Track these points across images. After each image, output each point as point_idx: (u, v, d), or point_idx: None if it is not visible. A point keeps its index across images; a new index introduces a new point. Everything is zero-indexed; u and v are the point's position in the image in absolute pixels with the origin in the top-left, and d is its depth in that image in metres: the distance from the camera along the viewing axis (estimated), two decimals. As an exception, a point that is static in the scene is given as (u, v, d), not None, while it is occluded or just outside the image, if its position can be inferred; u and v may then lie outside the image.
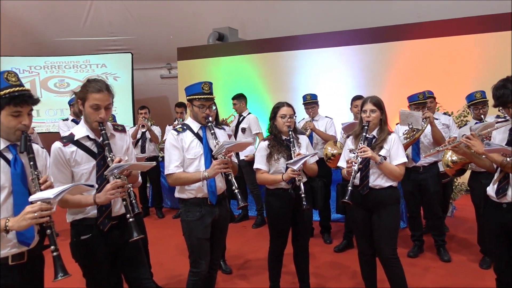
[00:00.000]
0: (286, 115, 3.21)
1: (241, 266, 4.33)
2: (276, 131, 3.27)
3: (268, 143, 3.26)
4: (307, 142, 3.37)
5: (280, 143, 3.23)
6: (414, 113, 4.06)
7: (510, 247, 2.64)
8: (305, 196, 3.04)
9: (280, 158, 3.18)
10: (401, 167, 3.05)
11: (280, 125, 3.23)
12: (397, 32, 7.83)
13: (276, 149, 3.20)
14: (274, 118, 3.28)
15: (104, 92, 2.30)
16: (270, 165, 3.23)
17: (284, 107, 3.24)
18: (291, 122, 3.22)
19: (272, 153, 3.20)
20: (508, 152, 2.45)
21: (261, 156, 3.24)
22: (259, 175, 3.26)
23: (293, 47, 8.49)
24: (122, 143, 2.52)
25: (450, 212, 5.73)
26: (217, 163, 2.66)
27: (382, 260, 3.09)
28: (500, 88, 2.53)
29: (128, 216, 2.25)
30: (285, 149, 3.19)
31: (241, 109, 5.85)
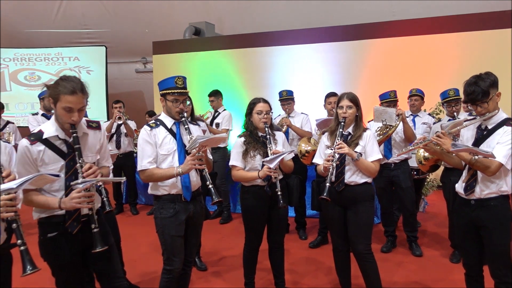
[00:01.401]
0: (262, 111, 3.19)
1: (216, 263, 4.31)
2: (252, 127, 3.25)
3: (244, 139, 3.23)
4: (284, 139, 3.36)
5: (256, 139, 3.21)
6: (388, 109, 4.11)
7: (478, 243, 2.70)
8: (281, 194, 3.04)
9: (256, 155, 3.16)
10: (376, 163, 3.09)
11: (256, 121, 3.21)
12: (372, 30, 7.92)
13: (252, 145, 3.18)
14: (250, 114, 3.26)
15: (78, 94, 2.19)
16: (246, 161, 3.20)
17: (260, 103, 3.22)
18: (268, 119, 3.20)
19: (248, 150, 3.17)
20: (474, 152, 2.51)
21: (237, 153, 3.21)
22: (235, 172, 3.24)
23: (269, 43, 8.49)
24: (95, 141, 2.44)
25: (422, 207, 5.85)
26: (190, 158, 2.62)
27: (356, 255, 3.12)
28: (471, 85, 2.57)
29: (93, 226, 2.23)
30: (261, 146, 3.17)
31: (218, 105, 5.82)
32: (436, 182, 5.84)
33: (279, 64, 8.37)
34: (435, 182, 5.88)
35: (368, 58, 7.86)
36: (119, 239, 3.57)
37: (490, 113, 2.59)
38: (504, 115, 2.64)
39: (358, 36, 8.00)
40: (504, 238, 2.61)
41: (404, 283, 3.71)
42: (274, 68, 8.41)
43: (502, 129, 2.57)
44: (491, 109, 2.59)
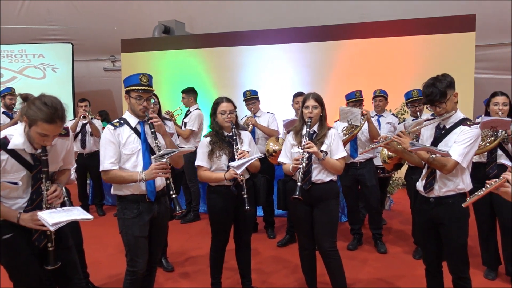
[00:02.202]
0: (226, 111, 3.17)
1: (184, 263, 4.27)
2: (217, 127, 3.23)
3: (210, 139, 3.21)
4: (250, 138, 3.35)
5: (222, 139, 3.19)
6: (354, 110, 4.18)
7: (437, 240, 2.79)
8: (247, 197, 3.03)
9: (222, 155, 3.14)
10: (341, 161, 3.15)
11: (221, 121, 3.20)
12: (342, 31, 8.03)
13: (218, 145, 3.15)
14: (214, 114, 3.23)
15: (57, 123, 2.13)
16: (212, 162, 3.18)
17: (223, 103, 3.20)
18: (232, 118, 3.19)
19: (213, 150, 3.15)
20: (431, 151, 2.58)
21: (203, 153, 3.19)
22: (201, 173, 3.21)
23: (240, 43, 8.48)
24: (61, 149, 2.40)
25: (388, 205, 5.98)
26: (155, 166, 2.58)
27: (322, 253, 3.16)
28: (429, 87, 2.65)
29: (49, 245, 2.22)
30: (227, 146, 3.16)
31: (189, 103, 5.75)
32: (401, 180, 5.98)
33: (249, 64, 8.37)
34: (400, 181, 6.02)
35: (337, 58, 7.97)
36: (81, 241, 3.49)
37: (448, 113, 2.68)
38: (461, 115, 2.73)
39: (327, 37, 8.10)
40: (462, 235, 2.70)
41: (369, 280, 3.79)
42: (244, 68, 8.41)
43: (459, 128, 2.65)
44: (449, 109, 2.67)
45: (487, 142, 3.35)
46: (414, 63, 7.48)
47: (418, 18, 7.63)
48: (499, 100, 3.46)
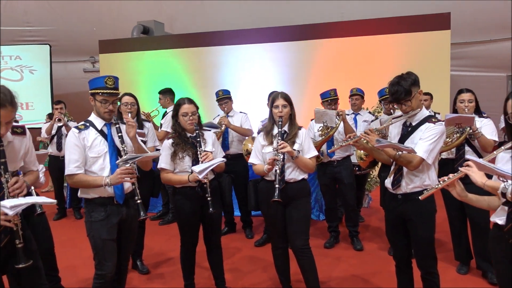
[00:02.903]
0: (187, 113, 3.15)
1: (161, 265, 4.24)
2: (180, 129, 3.20)
3: (172, 141, 3.18)
4: (213, 139, 3.34)
5: (184, 141, 3.16)
6: (328, 111, 4.19)
7: (406, 236, 2.82)
8: (211, 199, 3.02)
9: (185, 157, 3.12)
10: (313, 159, 3.17)
11: (183, 123, 3.17)
12: (321, 30, 8.08)
13: (180, 147, 3.13)
14: (176, 115, 3.20)
15: (7, 107, 2.09)
16: (175, 163, 3.16)
17: (185, 105, 3.18)
18: (194, 120, 3.17)
19: (176, 152, 3.12)
20: (397, 147, 2.61)
21: (165, 155, 3.15)
22: (164, 175, 3.18)
23: (219, 43, 8.47)
24: (19, 147, 2.35)
25: (366, 203, 6.03)
26: (121, 171, 2.55)
27: (294, 251, 3.16)
28: (394, 85, 2.67)
29: (17, 241, 2.15)
30: (190, 147, 3.14)
31: (166, 104, 5.72)
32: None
33: (228, 63, 8.37)
34: (378, 178, 6.07)
35: (316, 57, 8.01)
36: (52, 245, 3.44)
37: (413, 110, 2.71)
38: (426, 113, 2.76)
39: (307, 36, 8.14)
40: (429, 230, 2.73)
41: (344, 277, 3.81)
42: (224, 68, 8.41)
43: (424, 125, 2.68)
44: (414, 107, 2.70)
45: (453, 139, 3.40)
46: (392, 61, 7.56)
47: (395, 17, 7.73)
48: (464, 97, 3.52)
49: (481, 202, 2.18)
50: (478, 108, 3.59)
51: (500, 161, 2.09)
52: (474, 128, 3.32)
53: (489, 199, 2.13)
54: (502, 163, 2.07)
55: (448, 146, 3.40)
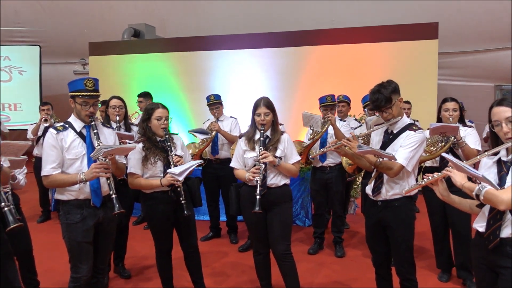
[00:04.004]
0: (162, 117, 3.13)
1: (144, 269, 4.21)
2: (150, 133, 3.16)
3: (143, 145, 3.14)
4: (181, 143, 3.33)
5: (155, 145, 3.14)
6: (315, 116, 4.21)
7: (385, 242, 2.83)
8: (185, 202, 3.00)
9: (157, 162, 3.09)
10: (296, 165, 3.17)
11: (156, 127, 3.14)
12: (312, 37, 8.11)
13: (152, 152, 3.09)
14: (148, 119, 3.16)
15: None
16: (146, 168, 3.11)
17: (159, 109, 3.16)
18: (167, 125, 3.17)
19: (148, 157, 3.08)
20: (378, 154, 2.62)
21: (136, 160, 3.10)
22: (134, 180, 3.10)
23: (210, 47, 8.47)
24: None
25: (352, 209, 6.04)
26: (95, 166, 2.53)
27: (276, 256, 3.16)
28: (375, 93, 2.70)
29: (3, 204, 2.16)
30: (160, 152, 3.11)
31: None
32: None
33: (218, 68, 8.37)
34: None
35: (305, 64, 8.04)
36: (31, 247, 3.40)
37: (394, 118, 2.73)
38: (407, 120, 2.79)
39: (297, 42, 8.16)
40: (407, 237, 2.75)
41: (325, 283, 3.81)
42: (214, 72, 8.41)
43: (405, 133, 2.71)
44: (395, 114, 2.72)
45: (437, 147, 3.43)
46: (381, 69, 7.61)
47: (384, 26, 7.80)
48: (449, 106, 3.55)
49: (463, 204, 2.20)
50: (462, 117, 3.62)
51: (483, 166, 2.12)
52: (459, 138, 3.35)
53: (471, 202, 2.15)
54: (484, 168, 2.09)
55: (432, 154, 3.43)
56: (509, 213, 1.93)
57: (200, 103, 8.05)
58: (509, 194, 1.84)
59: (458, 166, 1.96)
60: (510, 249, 1.93)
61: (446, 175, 2.05)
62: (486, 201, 1.91)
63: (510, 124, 1.94)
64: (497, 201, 1.85)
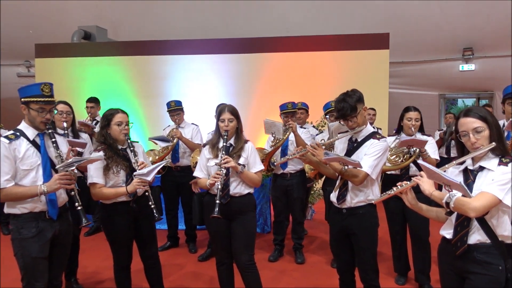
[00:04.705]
0: (122, 122, 3.02)
1: (98, 283, 4.01)
2: (111, 140, 3.03)
3: (104, 153, 2.99)
4: (142, 150, 3.24)
5: (116, 153, 3.01)
6: (276, 123, 4.22)
7: (350, 249, 2.86)
8: (155, 206, 2.90)
9: (120, 171, 2.96)
10: (259, 174, 3.14)
11: (116, 133, 3.02)
12: (267, 44, 8.18)
13: (114, 160, 2.96)
14: (108, 126, 3.04)
15: None
16: (108, 178, 2.97)
17: (119, 114, 3.05)
18: (128, 130, 3.06)
19: (109, 165, 2.94)
20: (344, 161, 2.65)
21: (97, 169, 2.94)
22: (97, 190, 2.94)
23: (165, 52, 8.31)
24: None
25: (309, 215, 6.11)
26: (59, 177, 2.38)
27: (239, 267, 3.11)
28: (340, 102, 2.73)
29: None
30: (122, 160, 2.99)
31: (95, 113, 5.54)
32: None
33: (174, 74, 8.23)
34: (321, 191, 6.18)
35: (262, 71, 8.09)
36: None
37: (359, 126, 2.77)
38: (371, 129, 2.84)
39: (253, 49, 8.20)
40: (371, 244, 2.80)
41: (287, 290, 3.81)
42: (169, 78, 8.25)
43: (369, 141, 2.75)
44: (360, 123, 2.77)
45: (403, 159, 3.53)
46: (334, 77, 7.79)
47: (338, 35, 8.01)
48: (412, 116, 3.65)
49: (430, 212, 2.25)
50: (422, 126, 3.74)
51: (449, 175, 2.18)
52: (423, 150, 3.47)
53: (437, 210, 2.21)
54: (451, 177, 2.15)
55: (398, 165, 3.53)
56: (475, 220, 2.00)
57: (155, 109, 7.88)
58: (480, 201, 1.89)
59: (434, 173, 1.98)
60: (477, 255, 1.99)
61: (415, 183, 2.09)
62: (456, 209, 1.95)
63: (477, 134, 2.01)
64: (468, 208, 1.89)
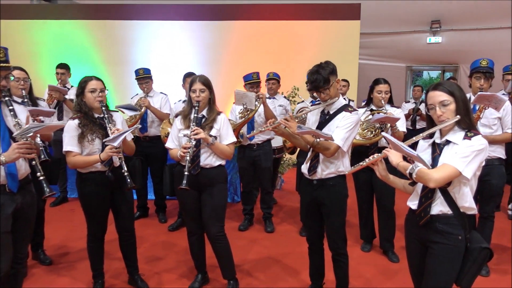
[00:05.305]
0: (96, 89, 2.94)
1: (65, 255, 3.95)
2: (86, 108, 2.96)
3: (79, 122, 2.93)
4: (122, 120, 3.16)
5: (92, 121, 2.94)
6: (248, 93, 4.17)
7: (319, 220, 2.92)
8: (128, 174, 2.84)
9: (95, 139, 2.91)
10: (231, 146, 3.12)
11: (91, 101, 2.95)
12: (237, 11, 8.00)
13: (89, 128, 2.90)
14: (82, 93, 2.96)
15: None
16: (83, 146, 2.92)
17: (92, 81, 2.96)
18: (103, 97, 2.97)
19: (84, 134, 2.89)
20: (316, 134, 2.67)
21: (71, 137, 2.90)
22: (72, 158, 2.91)
23: (132, 16, 7.98)
24: None
25: (279, 185, 6.19)
26: (17, 146, 2.25)
27: (209, 238, 3.14)
28: (314, 74, 2.72)
29: None
30: (98, 128, 2.93)
31: (66, 80, 5.30)
32: (291, 160, 6.23)
33: (141, 40, 7.95)
34: (290, 161, 6.26)
35: (231, 39, 7.94)
36: None
37: (332, 99, 2.78)
38: (343, 101, 2.85)
39: (223, 16, 8.00)
40: (341, 214, 2.87)
41: (258, 259, 3.88)
42: (137, 44, 7.97)
43: (341, 114, 2.77)
44: (332, 95, 2.77)
45: (374, 134, 3.60)
46: (305, 47, 7.76)
47: (310, 4, 7.92)
48: (382, 88, 3.70)
49: (397, 183, 2.32)
50: (391, 98, 3.80)
51: (419, 149, 2.24)
52: (393, 124, 3.54)
53: (405, 181, 2.28)
54: (421, 151, 2.22)
55: (369, 140, 3.60)
56: (439, 191, 2.08)
57: (122, 77, 7.64)
58: (439, 173, 1.97)
59: (397, 146, 2.05)
60: (439, 225, 2.09)
61: (385, 155, 2.14)
62: (418, 179, 2.03)
63: (443, 107, 2.06)
64: (428, 179, 1.97)
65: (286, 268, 3.71)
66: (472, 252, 2.05)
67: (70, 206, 5.35)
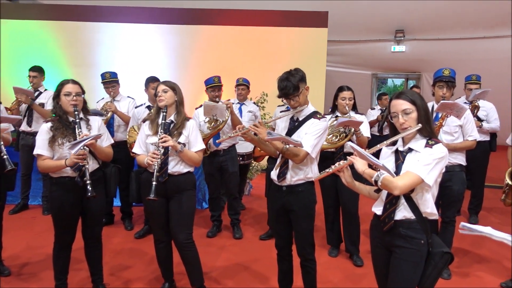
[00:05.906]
0: (71, 93, 2.87)
1: (26, 265, 3.79)
2: (61, 111, 2.91)
3: (51, 125, 2.88)
4: (100, 124, 3.08)
5: (66, 125, 2.88)
6: (218, 105, 4.11)
7: (288, 226, 2.93)
8: (90, 182, 2.77)
9: (65, 143, 2.84)
10: (199, 153, 3.10)
11: (65, 104, 2.89)
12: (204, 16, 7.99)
13: (60, 132, 2.84)
14: (58, 97, 2.92)
15: None
16: (54, 150, 2.86)
17: (69, 84, 2.91)
18: (78, 101, 2.90)
19: (55, 137, 2.83)
20: (286, 141, 2.69)
21: (42, 140, 2.85)
22: (41, 162, 2.86)
23: (97, 18, 7.82)
24: None
25: (247, 190, 6.19)
26: None
27: (177, 245, 3.09)
28: (283, 81, 2.74)
29: None
30: (71, 132, 2.86)
31: (39, 83, 5.11)
32: (260, 166, 6.24)
33: (106, 42, 7.79)
34: (259, 167, 6.27)
35: (198, 43, 7.93)
36: None
37: (301, 106, 2.80)
38: (312, 108, 2.88)
39: (190, 21, 7.97)
40: (309, 220, 2.89)
41: (226, 266, 3.85)
42: (101, 46, 7.80)
43: (310, 121, 2.80)
44: (302, 102, 2.80)
45: (339, 138, 3.67)
46: (274, 53, 7.83)
47: (279, 11, 8.00)
48: (346, 95, 3.79)
49: (362, 189, 2.37)
50: (355, 105, 3.89)
51: (383, 156, 2.30)
52: (357, 129, 3.62)
53: (370, 187, 2.32)
54: (384, 158, 2.28)
55: (334, 144, 3.67)
56: (403, 198, 2.14)
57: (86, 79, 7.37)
58: (403, 180, 2.04)
59: (362, 154, 2.10)
60: (402, 230, 2.15)
61: (351, 162, 2.18)
62: (383, 187, 2.08)
63: (405, 116, 2.12)
64: (393, 186, 2.03)
65: (255, 274, 3.70)
66: (434, 256, 2.13)
67: (32, 214, 5.15)
